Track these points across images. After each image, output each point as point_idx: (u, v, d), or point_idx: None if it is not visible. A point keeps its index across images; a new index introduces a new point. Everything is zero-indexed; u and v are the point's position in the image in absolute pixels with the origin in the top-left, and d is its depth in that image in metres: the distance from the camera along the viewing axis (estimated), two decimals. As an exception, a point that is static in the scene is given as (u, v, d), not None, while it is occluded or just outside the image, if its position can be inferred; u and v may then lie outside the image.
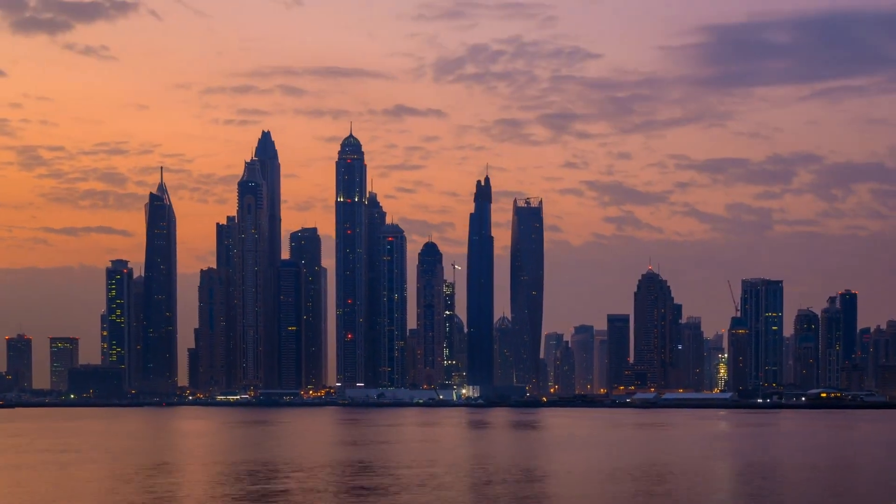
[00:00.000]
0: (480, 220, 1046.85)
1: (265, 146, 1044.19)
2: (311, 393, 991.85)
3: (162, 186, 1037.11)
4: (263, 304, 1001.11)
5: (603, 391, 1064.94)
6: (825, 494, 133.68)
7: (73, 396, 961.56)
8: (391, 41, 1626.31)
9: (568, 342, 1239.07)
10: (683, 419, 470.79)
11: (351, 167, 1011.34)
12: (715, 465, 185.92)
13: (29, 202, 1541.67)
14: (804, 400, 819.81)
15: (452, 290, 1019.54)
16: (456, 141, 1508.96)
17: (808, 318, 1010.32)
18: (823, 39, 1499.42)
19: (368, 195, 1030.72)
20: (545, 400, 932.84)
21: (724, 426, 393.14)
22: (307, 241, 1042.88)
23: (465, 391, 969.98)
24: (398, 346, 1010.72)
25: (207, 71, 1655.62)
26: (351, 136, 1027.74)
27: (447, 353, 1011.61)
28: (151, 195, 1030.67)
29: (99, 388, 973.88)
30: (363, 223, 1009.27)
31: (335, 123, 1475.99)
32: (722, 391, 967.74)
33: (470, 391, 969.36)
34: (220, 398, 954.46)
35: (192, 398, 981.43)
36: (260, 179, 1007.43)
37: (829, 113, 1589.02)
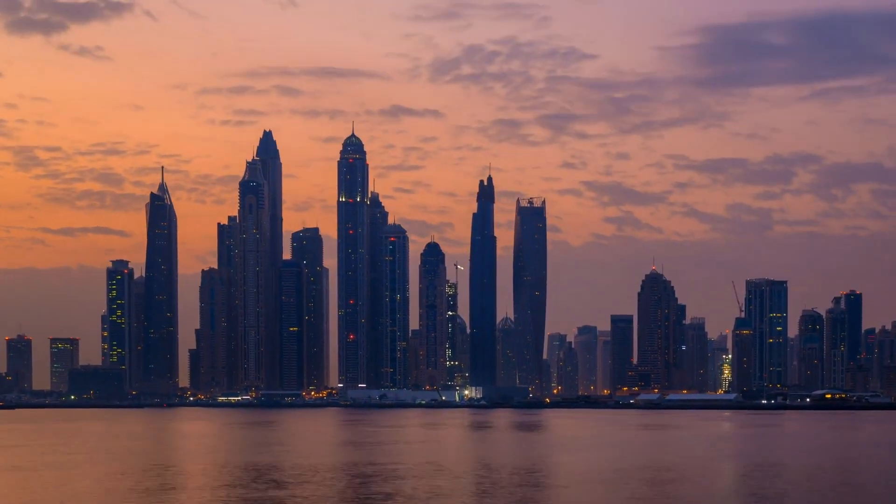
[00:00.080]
0: (483, 219, 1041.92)
1: (266, 145, 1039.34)
2: (312, 394, 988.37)
3: (163, 186, 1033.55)
4: (265, 304, 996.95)
5: (606, 392, 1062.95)
6: (829, 496, 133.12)
7: (73, 397, 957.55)
8: (386, 42, 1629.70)
9: (571, 343, 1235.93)
10: (687, 420, 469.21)
11: (353, 167, 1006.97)
12: (719, 466, 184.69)
13: (26, 202, 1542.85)
14: (809, 401, 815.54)
15: (455, 290, 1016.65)
16: (454, 141, 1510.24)
17: (812, 318, 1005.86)
18: (821, 40, 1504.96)
19: (370, 195, 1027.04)
20: (548, 401, 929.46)
21: (728, 427, 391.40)
22: (309, 241, 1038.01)
23: (467, 392, 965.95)
24: (400, 346, 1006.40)
25: (203, 71, 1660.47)
26: (353, 135, 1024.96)
27: (450, 353, 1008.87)
28: (152, 195, 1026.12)
29: (99, 388, 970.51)
30: (365, 223, 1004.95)
31: (332, 124, 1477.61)
32: (726, 392, 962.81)
33: (472, 392, 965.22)
34: (221, 399, 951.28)
35: (193, 399, 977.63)
36: (261, 179, 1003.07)
37: (827, 113, 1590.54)
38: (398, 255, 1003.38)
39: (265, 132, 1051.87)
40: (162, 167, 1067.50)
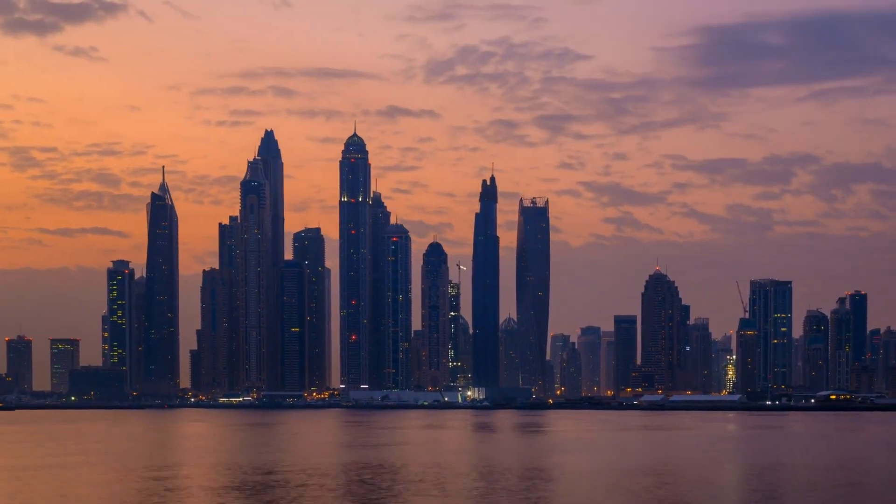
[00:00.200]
0: (486, 220, 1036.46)
1: (268, 145, 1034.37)
2: (314, 395, 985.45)
3: (163, 186, 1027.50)
4: (266, 304, 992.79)
5: (610, 393, 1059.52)
6: (833, 497, 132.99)
7: (73, 398, 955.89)
8: (381, 43, 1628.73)
9: (574, 343, 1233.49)
10: (691, 421, 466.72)
11: (355, 166, 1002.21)
12: (723, 468, 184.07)
13: (23, 203, 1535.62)
14: (813, 402, 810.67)
15: (457, 290, 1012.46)
16: (451, 142, 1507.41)
17: (817, 319, 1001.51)
18: (819, 40, 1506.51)
19: (373, 195, 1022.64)
20: (551, 402, 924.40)
21: (732, 428, 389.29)
22: (310, 241, 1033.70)
23: (470, 393, 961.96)
24: (403, 347, 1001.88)
25: (198, 72, 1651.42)
26: (355, 134, 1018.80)
27: (452, 354, 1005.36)
28: (153, 195, 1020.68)
29: (100, 389, 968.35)
30: (367, 223, 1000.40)
31: (329, 124, 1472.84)
32: (730, 393, 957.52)
33: (475, 393, 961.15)
34: (222, 400, 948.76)
35: (194, 400, 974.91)
36: (263, 179, 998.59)
37: (825, 114, 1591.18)
38: (400, 255, 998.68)
39: (266, 131, 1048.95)
40: (163, 167, 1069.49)
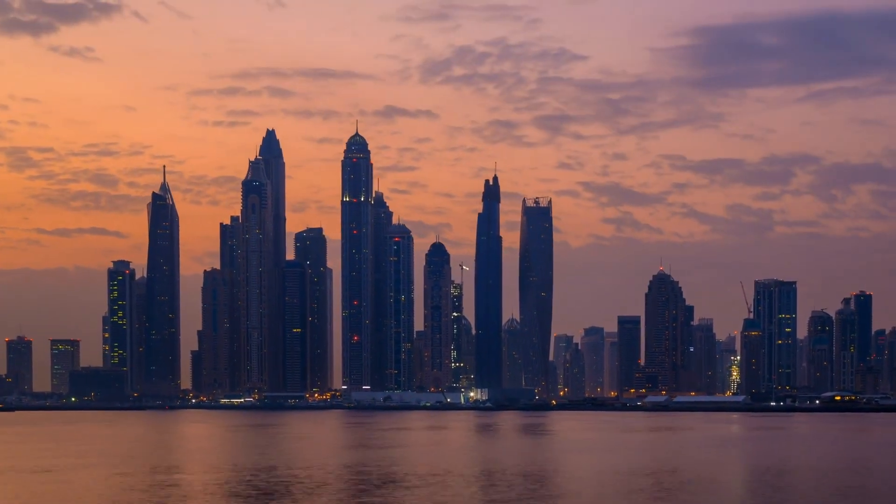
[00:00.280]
0: (489, 220, 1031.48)
1: (269, 145, 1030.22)
2: (316, 396, 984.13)
3: (164, 186, 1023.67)
4: (268, 305, 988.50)
5: (613, 394, 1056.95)
6: (838, 500, 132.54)
7: (74, 399, 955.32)
8: (376, 43, 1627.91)
9: (578, 344, 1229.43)
10: (695, 423, 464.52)
11: (357, 166, 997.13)
12: (726, 469, 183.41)
13: (20, 203, 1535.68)
14: (818, 403, 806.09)
15: (460, 291, 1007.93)
16: (449, 142, 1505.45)
17: (821, 319, 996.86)
18: (816, 41, 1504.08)
19: (375, 194, 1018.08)
20: (554, 403, 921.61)
21: (736, 430, 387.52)
22: (312, 241, 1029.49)
23: (472, 394, 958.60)
24: (405, 348, 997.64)
25: (193, 72, 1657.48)
26: (357, 134, 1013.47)
27: (455, 355, 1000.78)
28: (154, 194, 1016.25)
29: (100, 390, 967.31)
30: (369, 223, 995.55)
31: (326, 124, 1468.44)
32: (734, 394, 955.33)
33: (478, 394, 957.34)
34: (223, 401, 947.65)
35: (195, 401, 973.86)
36: (264, 179, 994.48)
37: (823, 114, 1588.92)
38: (403, 255, 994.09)
39: (268, 131, 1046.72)
40: (164, 166, 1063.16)
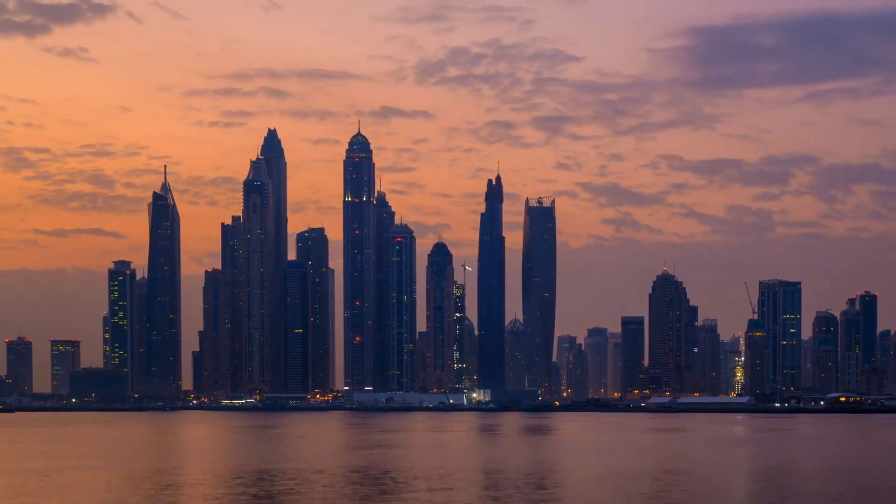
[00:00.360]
0: (492, 220, 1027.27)
1: (271, 144, 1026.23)
2: (318, 397, 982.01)
3: (165, 185, 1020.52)
4: (269, 306, 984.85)
5: (617, 395, 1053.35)
6: (842, 501, 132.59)
7: (74, 400, 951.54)
8: (371, 44, 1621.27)
9: (581, 345, 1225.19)
10: (699, 424, 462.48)
11: (359, 166, 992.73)
12: (731, 471, 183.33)
13: (17, 203, 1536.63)
14: (823, 404, 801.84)
15: (463, 291, 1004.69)
16: (446, 143, 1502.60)
17: (826, 320, 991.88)
18: (813, 42, 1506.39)
19: (377, 194, 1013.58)
20: (558, 404, 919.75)
21: (740, 431, 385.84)
22: (314, 241, 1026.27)
23: (475, 395, 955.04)
24: (407, 349, 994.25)
25: (188, 73, 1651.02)
26: (359, 133, 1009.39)
27: (457, 356, 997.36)
28: (155, 194, 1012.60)
29: (101, 391, 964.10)
30: (371, 223, 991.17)
31: (322, 125, 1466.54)
32: (739, 395, 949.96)
33: (481, 395, 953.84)
34: (224, 402, 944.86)
35: (196, 402, 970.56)
36: (266, 178, 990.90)
37: (821, 115, 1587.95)
38: (405, 255, 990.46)
39: (270, 130, 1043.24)
40: (164, 166, 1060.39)
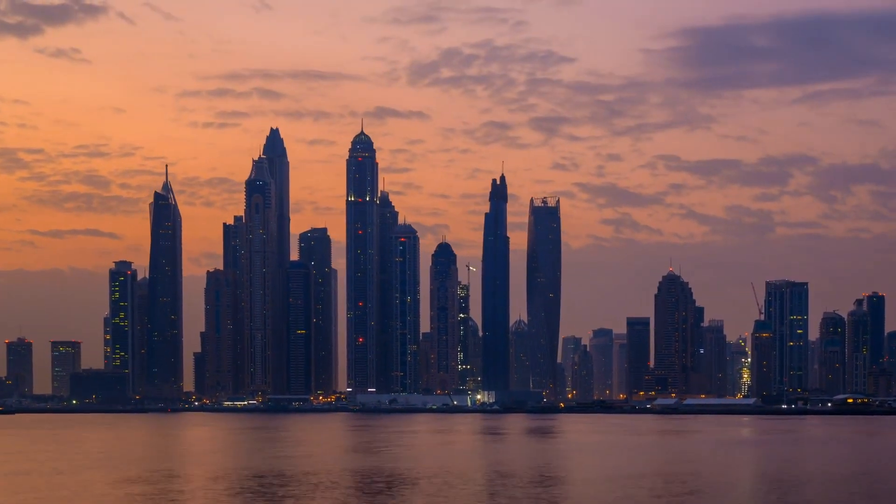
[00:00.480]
0: (496, 220, 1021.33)
1: (273, 144, 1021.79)
2: (320, 398, 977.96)
3: (166, 185, 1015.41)
4: (272, 306, 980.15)
5: (622, 397, 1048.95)
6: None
7: (75, 402, 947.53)
8: (363, 45, 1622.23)
9: (586, 346, 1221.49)
10: (705, 425, 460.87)
11: (362, 165, 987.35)
12: (737, 473, 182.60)
13: (12, 204, 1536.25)
14: (830, 406, 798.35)
15: (467, 292, 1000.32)
16: (442, 144, 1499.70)
17: (833, 321, 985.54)
18: (810, 43, 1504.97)
19: (380, 194, 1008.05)
20: (563, 406, 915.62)
21: (747, 433, 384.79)
22: (317, 241, 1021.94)
23: (479, 397, 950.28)
24: (411, 349, 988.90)
25: (181, 74, 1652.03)
26: (362, 132, 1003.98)
27: (461, 357, 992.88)
28: (156, 194, 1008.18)
29: (102, 393, 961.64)
30: (374, 223, 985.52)
31: (316, 126, 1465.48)
32: (745, 397, 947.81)
33: (485, 397, 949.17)
34: (226, 404, 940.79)
35: (197, 404, 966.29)
36: (268, 178, 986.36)
37: (818, 115, 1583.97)
38: (408, 255, 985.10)
39: (272, 130, 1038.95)
40: (166, 166, 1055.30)
